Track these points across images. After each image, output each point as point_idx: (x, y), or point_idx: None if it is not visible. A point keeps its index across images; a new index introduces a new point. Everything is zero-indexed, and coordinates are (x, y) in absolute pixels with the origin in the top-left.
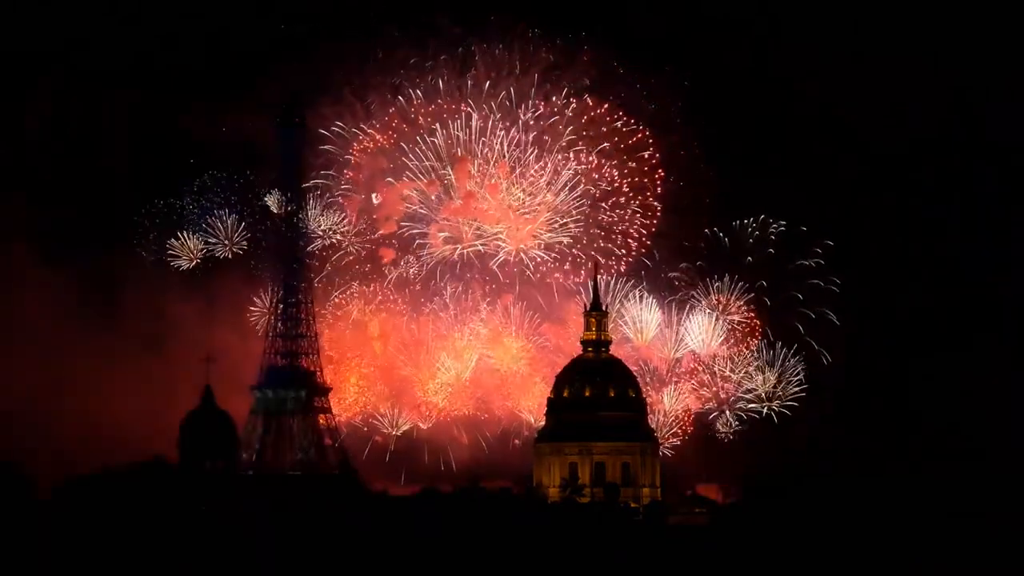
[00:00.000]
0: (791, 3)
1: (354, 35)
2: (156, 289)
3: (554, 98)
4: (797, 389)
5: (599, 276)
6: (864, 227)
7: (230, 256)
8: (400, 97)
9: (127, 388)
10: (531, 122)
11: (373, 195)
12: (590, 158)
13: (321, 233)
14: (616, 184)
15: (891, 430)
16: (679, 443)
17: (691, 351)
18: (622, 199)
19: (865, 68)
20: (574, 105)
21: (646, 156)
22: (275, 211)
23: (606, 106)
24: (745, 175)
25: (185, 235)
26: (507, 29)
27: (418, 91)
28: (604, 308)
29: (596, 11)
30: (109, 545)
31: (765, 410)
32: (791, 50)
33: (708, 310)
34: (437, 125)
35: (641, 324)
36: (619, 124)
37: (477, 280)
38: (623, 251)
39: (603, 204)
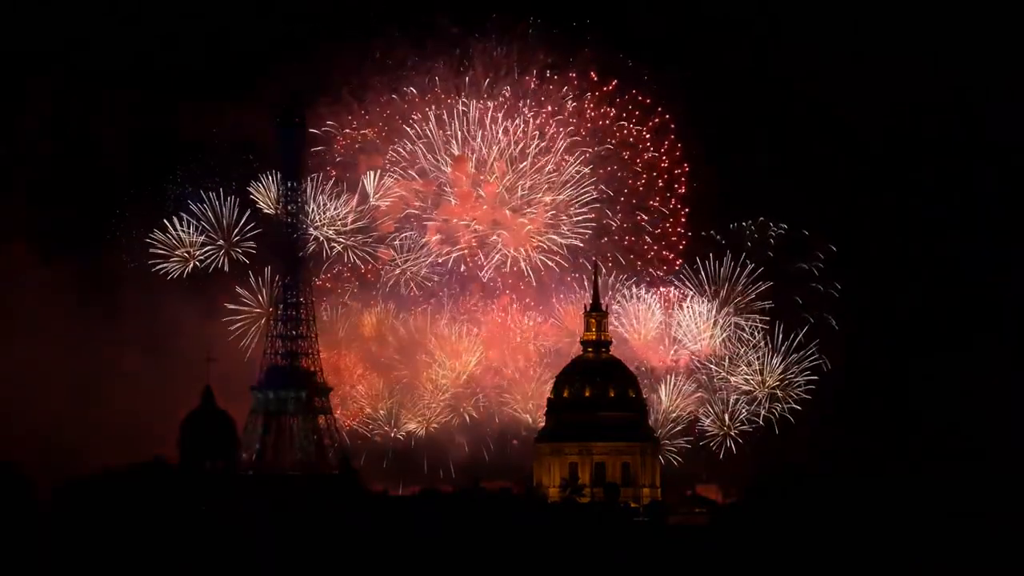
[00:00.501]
0: (791, 3)
1: (353, 35)
2: (156, 289)
3: (552, 86)
4: (800, 390)
5: (599, 276)
6: (864, 228)
7: (227, 268)
8: (395, 95)
9: (127, 388)
10: (531, 119)
11: (371, 195)
12: (597, 148)
13: (319, 233)
14: (628, 181)
15: (891, 430)
16: (686, 447)
17: (689, 352)
18: (634, 200)
19: (865, 68)
20: (575, 105)
21: (666, 147)
22: (260, 203)
23: (615, 82)
24: (745, 175)
25: (174, 222)
26: (507, 29)
27: (412, 88)
28: (604, 308)
29: (595, 11)
30: (109, 545)
31: (763, 412)
32: (791, 50)
33: (707, 311)
34: (433, 121)
35: (639, 324)
36: (631, 106)
37: (475, 280)
38: (632, 255)
39: (608, 210)
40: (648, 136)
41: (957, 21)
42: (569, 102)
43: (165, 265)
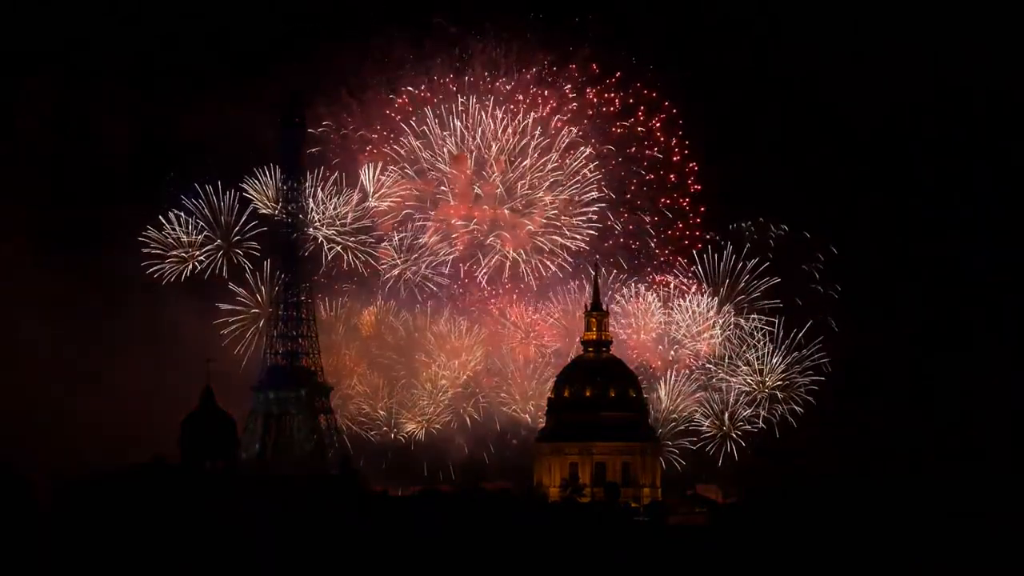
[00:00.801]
0: (791, 3)
1: (353, 35)
2: (156, 289)
3: (552, 78)
4: (801, 391)
5: (599, 276)
6: (864, 228)
7: (226, 269)
8: (393, 95)
9: (127, 388)
10: (532, 113)
11: (370, 195)
12: (600, 146)
13: (319, 233)
14: (633, 180)
15: (892, 430)
16: (687, 447)
17: (689, 352)
18: (638, 201)
19: (865, 68)
20: (576, 105)
21: (675, 142)
22: (260, 203)
23: (619, 74)
24: (745, 175)
25: (173, 222)
26: (506, 27)
27: (411, 87)
28: (604, 308)
29: (594, 11)
30: (109, 545)
31: (763, 413)
32: (791, 50)
33: (707, 311)
34: (432, 120)
35: (639, 324)
36: (632, 100)
37: (474, 280)
38: (636, 261)
39: (610, 213)
40: (659, 126)
41: (957, 21)
42: (569, 91)
43: (163, 266)
